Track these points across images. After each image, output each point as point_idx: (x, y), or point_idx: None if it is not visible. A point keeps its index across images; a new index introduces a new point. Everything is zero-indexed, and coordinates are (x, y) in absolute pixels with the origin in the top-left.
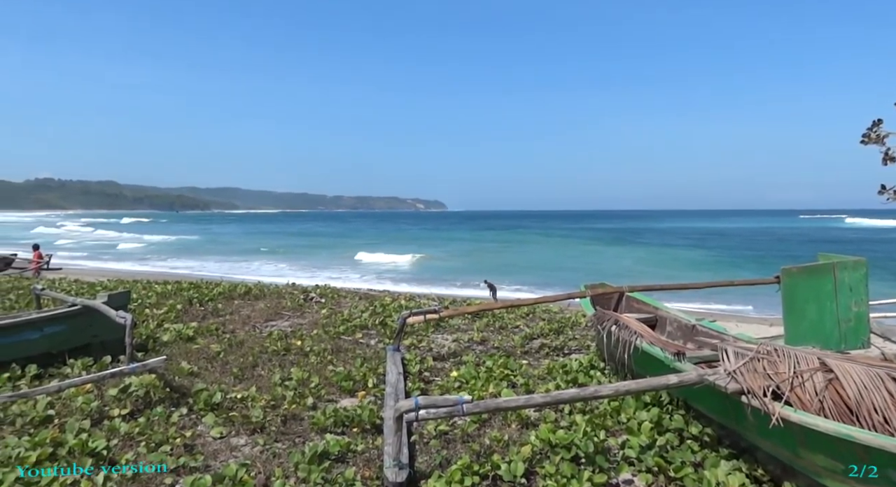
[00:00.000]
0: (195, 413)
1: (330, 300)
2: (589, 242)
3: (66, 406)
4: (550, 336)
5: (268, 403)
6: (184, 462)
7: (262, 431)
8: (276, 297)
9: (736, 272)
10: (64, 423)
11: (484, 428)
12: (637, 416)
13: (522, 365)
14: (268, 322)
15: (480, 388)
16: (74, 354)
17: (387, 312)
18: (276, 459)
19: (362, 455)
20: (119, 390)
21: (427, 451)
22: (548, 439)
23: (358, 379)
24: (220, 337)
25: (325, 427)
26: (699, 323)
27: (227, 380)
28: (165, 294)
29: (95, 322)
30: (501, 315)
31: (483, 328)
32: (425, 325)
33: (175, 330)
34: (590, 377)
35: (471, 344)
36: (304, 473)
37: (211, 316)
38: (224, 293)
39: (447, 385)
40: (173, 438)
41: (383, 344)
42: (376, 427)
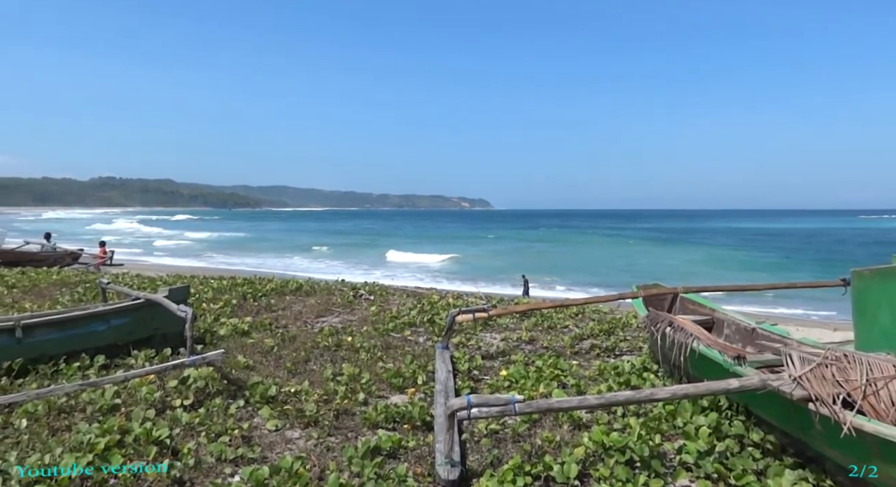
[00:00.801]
0: (251, 406)
1: (379, 297)
2: (638, 242)
3: (132, 395)
4: (601, 336)
5: (320, 398)
6: (242, 453)
7: (315, 425)
8: (326, 294)
9: (793, 274)
10: (130, 412)
11: (535, 428)
12: (694, 421)
13: (573, 366)
14: (319, 318)
15: (531, 388)
16: (137, 346)
17: (435, 310)
18: (330, 453)
19: (414, 451)
20: (179, 381)
21: (478, 450)
22: (601, 441)
23: (407, 376)
24: (274, 332)
25: (377, 422)
26: (759, 327)
27: (280, 374)
28: (221, 289)
29: (157, 315)
30: (550, 315)
31: (531, 327)
32: (473, 324)
33: (231, 325)
34: (643, 379)
35: (519, 344)
36: (357, 467)
37: (264, 311)
38: (276, 289)
39: (497, 384)
40: (231, 429)
41: (432, 341)
42: (427, 425)
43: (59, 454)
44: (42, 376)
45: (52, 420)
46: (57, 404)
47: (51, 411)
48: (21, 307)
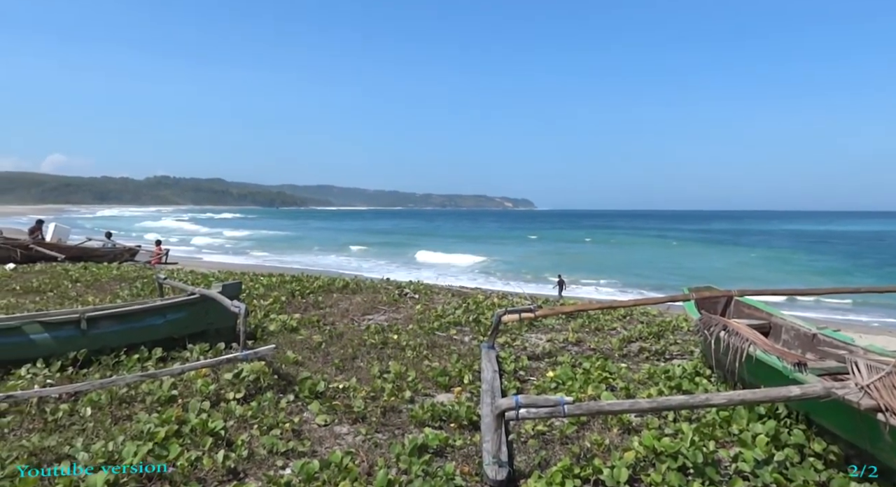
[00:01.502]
0: (301, 401)
1: (423, 296)
2: (685, 243)
3: (188, 387)
4: (650, 339)
5: (368, 394)
6: (293, 447)
7: (363, 421)
8: (371, 292)
9: (856, 280)
10: (186, 403)
11: (583, 431)
12: (751, 428)
13: (621, 369)
14: (365, 315)
15: (578, 390)
16: (192, 339)
17: (480, 310)
18: (378, 449)
19: (460, 450)
20: (233, 375)
21: (525, 450)
22: (652, 446)
23: (453, 375)
24: (322, 329)
25: (424, 420)
26: (821, 332)
27: (328, 370)
28: (270, 286)
29: (211, 310)
30: (597, 316)
31: (578, 329)
32: (519, 324)
33: (280, 321)
34: (695, 384)
35: (566, 345)
36: (405, 464)
37: (312, 308)
38: (323, 286)
39: (543, 385)
40: (282, 423)
41: (477, 341)
42: (473, 424)
43: (121, 441)
44: (104, 367)
45: (114, 409)
46: (118, 394)
47: (113, 400)
48: (84, 300)
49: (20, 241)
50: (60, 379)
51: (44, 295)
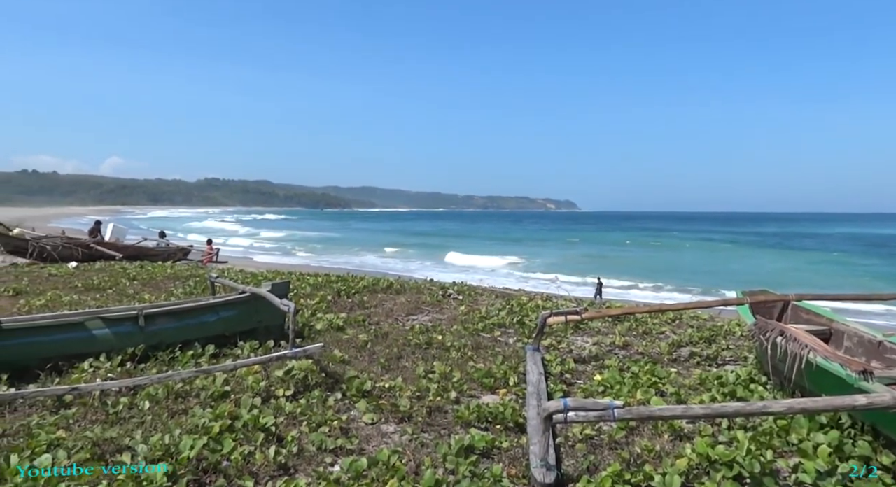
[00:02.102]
0: (348, 399)
1: (467, 297)
2: (737, 246)
3: (239, 383)
4: (700, 344)
5: (413, 394)
6: (341, 444)
7: (409, 420)
8: (415, 292)
9: None
10: (238, 399)
11: (632, 436)
12: (812, 438)
13: (671, 374)
14: (409, 316)
15: (627, 394)
16: (243, 337)
17: (524, 311)
18: (424, 449)
19: (507, 452)
20: (283, 372)
21: (573, 454)
22: (706, 453)
23: (498, 377)
24: (367, 328)
25: (469, 421)
26: (887, 340)
27: (374, 369)
28: (317, 285)
29: (261, 308)
30: (644, 319)
31: (625, 332)
32: (564, 326)
33: (327, 320)
34: (750, 391)
35: (613, 348)
36: (451, 465)
37: (357, 307)
38: (368, 286)
39: (591, 389)
40: (331, 420)
41: (522, 343)
42: (519, 426)
43: (177, 435)
44: (160, 362)
45: (170, 403)
46: (174, 388)
47: (169, 394)
48: (141, 297)
49: (81, 241)
50: (120, 374)
51: (104, 293)
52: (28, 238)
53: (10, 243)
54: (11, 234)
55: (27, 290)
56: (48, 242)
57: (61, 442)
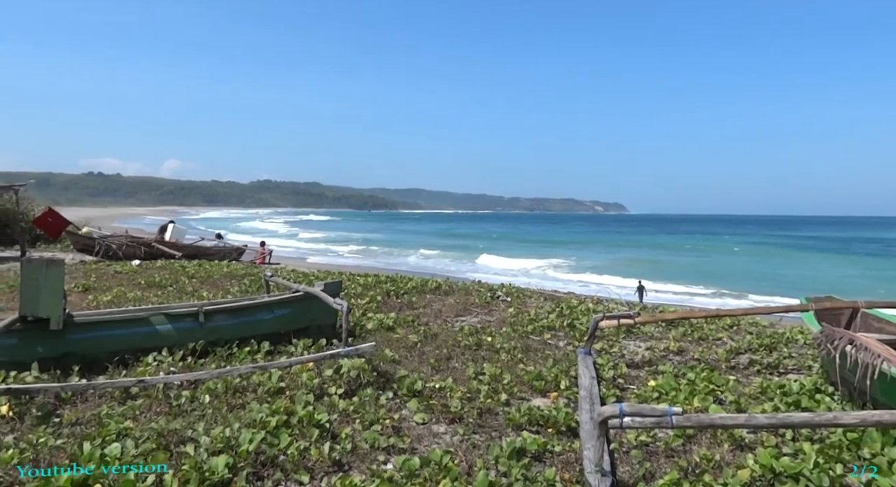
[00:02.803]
0: (399, 398)
1: (515, 299)
2: (793, 251)
3: (294, 380)
4: (761, 351)
5: (464, 395)
6: (393, 443)
7: (460, 421)
8: (463, 294)
9: None
10: (293, 395)
11: (689, 444)
12: (886, 453)
13: (730, 381)
14: (458, 317)
15: (683, 401)
16: (296, 335)
17: (574, 315)
18: (476, 450)
19: (559, 456)
20: (334, 370)
21: (627, 461)
22: (769, 465)
23: (549, 380)
24: (416, 329)
25: (520, 424)
26: None
27: (424, 370)
28: (367, 285)
29: (314, 307)
30: (700, 325)
31: (680, 337)
32: (616, 330)
33: (377, 320)
34: (816, 402)
35: (667, 354)
36: (504, 467)
37: (406, 308)
38: (417, 287)
39: (645, 394)
40: (383, 419)
41: (572, 346)
42: (571, 430)
43: (236, 428)
44: (219, 357)
45: (229, 397)
46: (232, 383)
47: (228, 389)
48: (199, 295)
49: (144, 240)
50: (181, 368)
51: (164, 290)
52: (95, 237)
53: (79, 242)
54: (80, 233)
55: (95, 286)
56: (113, 241)
57: (129, 432)
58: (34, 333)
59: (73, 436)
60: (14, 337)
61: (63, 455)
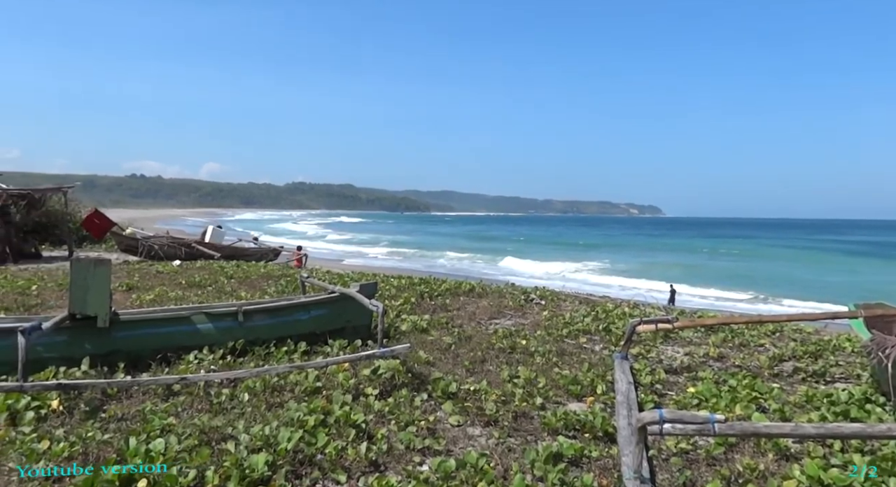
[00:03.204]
0: (434, 400)
1: (550, 302)
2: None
3: (330, 380)
4: (805, 359)
5: (498, 398)
6: (428, 444)
7: (495, 424)
8: (497, 296)
9: None
10: (330, 395)
11: (731, 453)
12: None
13: (773, 389)
14: (491, 319)
15: (724, 409)
16: (332, 335)
17: (610, 319)
18: (511, 454)
19: (597, 461)
20: (371, 371)
21: (667, 468)
22: (817, 476)
23: (585, 384)
24: (450, 331)
25: (556, 428)
26: None
27: (458, 372)
28: (401, 287)
29: (349, 308)
30: (741, 331)
31: (719, 343)
32: (653, 335)
33: (411, 321)
34: (866, 412)
35: (706, 360)
36: (540, 471)
37: (440, 310)
38: (450, 289)
39: (684, 401)
40: (418, 420)
41: (609, 350)
42: (608, 436)
43: (275, 426)
44: (257, 356)
45: (267, 395)
46: (270, 382)
47: (266, 388)
48: (238, 295)
49: (184, 240)
50: (221, 366)
51: (204, 289)
52: (138, 237)
53: (123, 242)
54: (124, 234)
55: (138, 286)
56: (155, 241)
57: (172, 428)
58: (82, 330)
59: (119, 431)
60: (64, 334)
61: (110, 449)
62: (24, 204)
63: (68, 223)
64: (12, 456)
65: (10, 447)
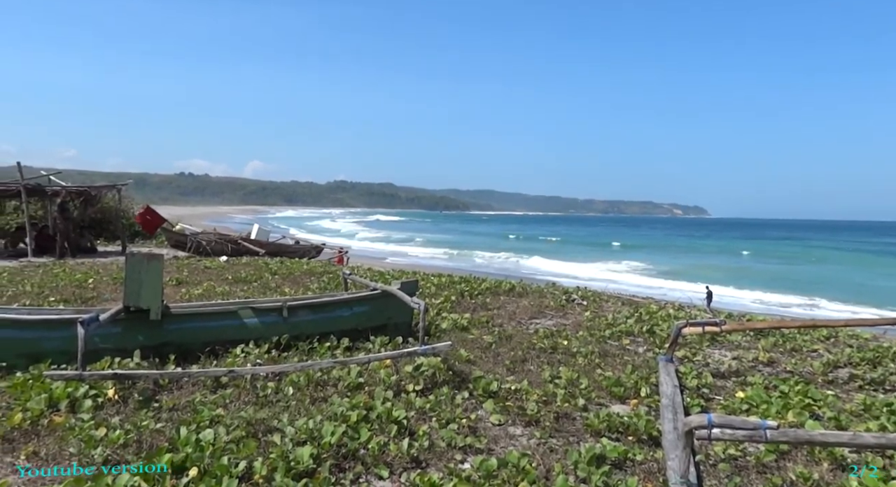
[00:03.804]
0: (475, 399)
1: (591, 303)
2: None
3: (372, 376)
4: (863, 366)
5: (540, 398)
6: (470, 443)
7: (536, 424)
8: (538, 296)
9: None
10: (372, 391)
11: (783, 461)
12: None
13: (828, 396)
14: (532, 319)
15: (775, 415)
16: (374, 332)
17: (654, 320)
18: (553, 454)
19: (641, 465)
20: (412, 368)
21: (715, 474)
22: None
23: (629, 386)
24: (491, 330)
25: (599, 430)
26: None
27: (499, 371)
28: (441, 285)
29: (391, 305)
30: (793, 335)
31: (770, 348)
32: (699, 338)
33: (451, 320)
34: None
35: (756, 365)
36: (583, 473)
37: (480, 309)
38: (490, 288)
39: (732, 406)
40: (459, 418)
41: (653, 352)
42: (653, 439)
43: (319, 420)
44: (301, 351)
45: (311, 390)
46: (314, 377)
47: (310, 382)
48: (281, 291)
49: (230, 237)
50: (266, 360)
51: (250, 285)
52: (187, 234)
53: (172, 238)
54: (174, 230)
55: (187, 280)
56: (203, 238)
57: (220, 419)
58: (136, 323)
59: (170, 421)
60: (119, 325)
61: (162, 437)
62: (80, 200)
63: (122, 219)
64: (72, 442)
65: (70, 433)
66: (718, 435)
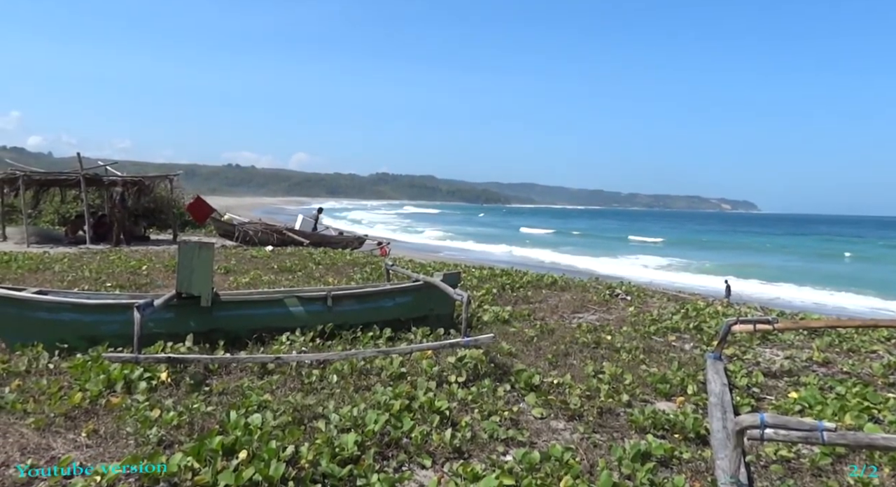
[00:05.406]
0: (517, 392)
1: (636, 298)
2: None
3: (414, 366)
4: None
5: (583, 393)
6: (512, 435)
7: (579, 419)
8: (580, 290)
9: None
10: (414, 381)
11: (839, 465)
12: None
13: (889, 399)
14: (574, 314)
15: (831, 417)
16: (415, 323)
17: (701, 317)
18: (597, 449)
19: (688, 463)
20: (455, 359)
21: (766, 476)
22: None
23: (675, 384)
24: (533, 323)
25: (644, 427)
26: None
27: (541, 365)
28: (482, 278)
29: (433, 296)
30: (850, 335)
31: (825, 347)
32: (749, 336)
33: (493, 312)
34: None
35: (810, 365)
36: (628, 470)
37: (522, 302)
38: (532, 282)
39: (785, 406)
40: (501, 411)
41: (700, 350)
42: (700, 438)
43: (362, 408)
44: (344, 340)
45: (355, 378)
46: (357, 366)
47: (353, 371)
48: (325, 280)
49: (276, 227)
50: (311, 348)
51: (294, 274)
52: (235, 224)
53: (221, 227)
54: (223, 220)
55: (234, 269)
56: (250, 228)
57: (268, 405)
58: (187, 309)
59: (220, 405)
60: (171, 311)
61: (213, 420)
62: (135, 190)
63: (173, 208)
64: (128, 422)
65: (126, 413)
66: (771, 436)
